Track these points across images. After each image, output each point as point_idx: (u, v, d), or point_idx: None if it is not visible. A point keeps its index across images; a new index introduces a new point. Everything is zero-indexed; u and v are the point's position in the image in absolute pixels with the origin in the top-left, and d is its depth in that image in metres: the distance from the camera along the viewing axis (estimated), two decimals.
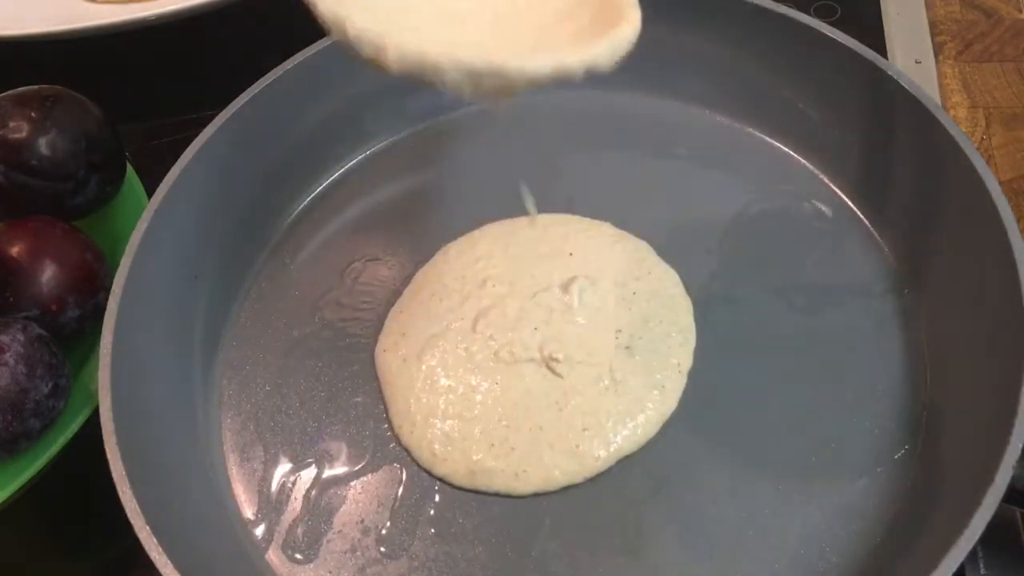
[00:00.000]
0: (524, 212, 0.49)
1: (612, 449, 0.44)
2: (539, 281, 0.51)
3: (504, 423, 0.46)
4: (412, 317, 0.50)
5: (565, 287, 0.50)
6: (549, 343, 0.48)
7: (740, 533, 0.42)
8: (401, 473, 0.45)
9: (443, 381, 0.48)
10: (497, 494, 0.44)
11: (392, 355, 0.49)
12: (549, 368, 0.47)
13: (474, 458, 0.45)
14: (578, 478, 0.44)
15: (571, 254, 0.52)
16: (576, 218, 0.53)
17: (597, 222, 0.53)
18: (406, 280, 0.52)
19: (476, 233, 0.53)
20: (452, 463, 0.45)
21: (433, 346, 0.49)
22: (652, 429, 0.45)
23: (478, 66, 0.34)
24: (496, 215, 0.53)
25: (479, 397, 0.47)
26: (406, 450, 0.46)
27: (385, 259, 0.53)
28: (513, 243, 0.53)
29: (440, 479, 0.45)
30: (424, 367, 0.48)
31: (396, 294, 0.51)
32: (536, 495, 0.44)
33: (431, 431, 0.46)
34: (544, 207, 0.53)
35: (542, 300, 0.50)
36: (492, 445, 0.45)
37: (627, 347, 0.48)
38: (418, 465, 0.45)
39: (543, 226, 0.53)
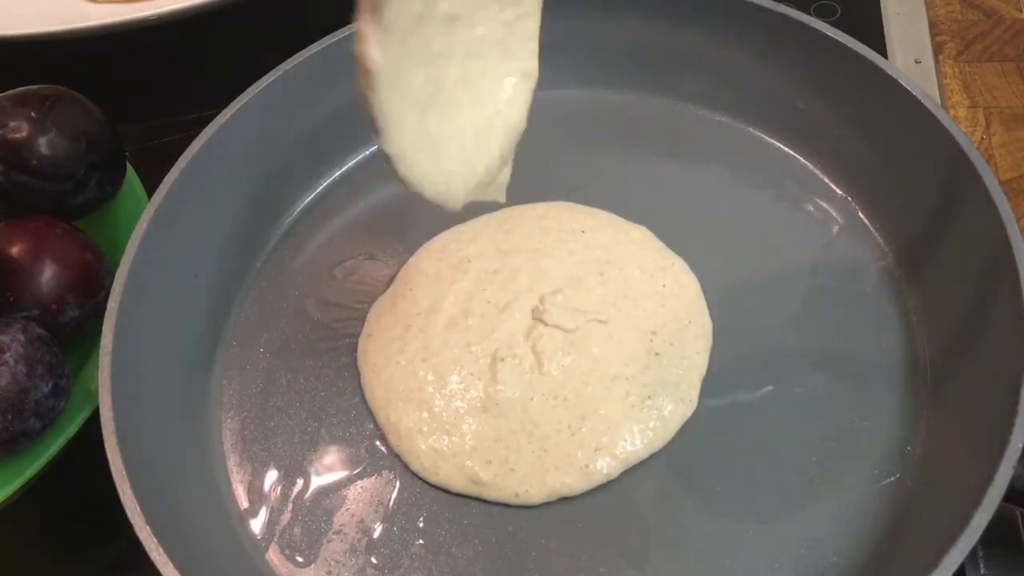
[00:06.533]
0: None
1: (621, 462, 0.43)
2: (544, 264, 0.48)
3: (502, 444, 0.44)
4: (379, 315, 0.49)
5: (592, 269, 0.46)
6: (562, 354, 0.45)
7: (740, 533, 0.42)
8: (400, 475, 0.45)
9: (420, 392, 0.46)
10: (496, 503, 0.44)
11: (364, 362, 0.48)
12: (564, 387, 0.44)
13: (469, 473, 0.43)
14: (583, 490, 0.43)
15: (583, 232, 0.50)
16: (581, 206, 0.52)
17: (603, 211, 0.52)
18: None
19: (470, 222, 0.52)
20: (445, 476, 0.44)
21: (399, 351, 0.47)
22: (665, 440, 0.44)
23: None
24: None
25: (469, 420, 0.45)
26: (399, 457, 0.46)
27: (384, 259, 0.53)
28: (513, 225, 0.50)
29: (436, 487, 0.45)
30: (395, 376, 0.46)
31: None
32: None
33: (417, 445, 0.45)
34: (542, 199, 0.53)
35: (547, 285, 0.47)
36: (489, 462, 0.44)
37: (657, 353, 0.45)
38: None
39: (544, 209, 0.52)
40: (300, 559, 0.43)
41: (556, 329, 0.46)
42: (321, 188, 0.56)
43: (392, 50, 0.33)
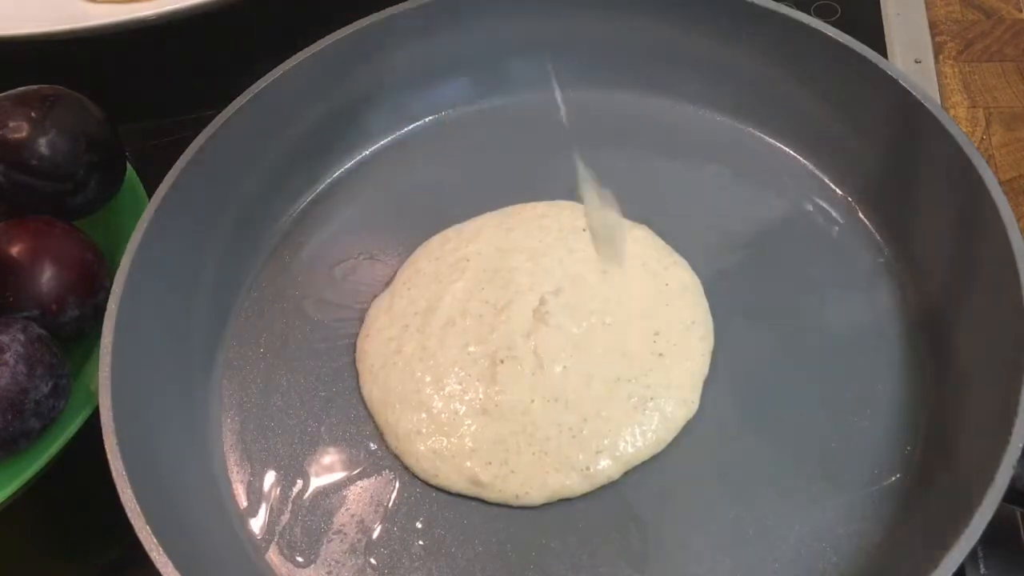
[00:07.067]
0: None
1: (623, 464, 0.43)
2: (545, 263, 0.47)
3: (502, 446, 0.44)
4: (376, 314, 0.49)
5: (594, 267, 0.46)
6: (565, 355, 0.45)
7: (740, 533, 0.42)
8: (400, 475, 0.45)
9: (417, 394, 0.45)
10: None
11: (361, 362, 0.48)
12: (565, 391, 0.44)
13: (468, 474, 0.43)
14: (584, 492, 0.43)
15: (584, 230, 0.49)
16: (582, 205, 0.51)
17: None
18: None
19: (469, 221, 0.52)
20: (444, 477, 0.44)
21: (396, 352, 0.47)
22: (666, 442, 0.44)
23: None
24: None
25: (468, 422, 0.44)
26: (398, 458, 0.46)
27: (384, 258, 0.53)
28: (513, 224, 0.50)
29: (436, 488, 0.44)
30: (392, 377, 0.46)
31: None
32: None
33: (416, 447, 0.44)
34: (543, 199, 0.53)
35: (548, 284, 0.47)
36: (489, 464, 0.43)
37: (661, 354, 0.45)
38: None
39: (544, 208, 0.51)
40: (300, 559, 0.43)
41: (558, 330, 0.46)
42: (321, 188, 0.56)
43: None
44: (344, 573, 0.43)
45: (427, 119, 0.58)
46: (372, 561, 0.43)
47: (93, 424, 0.42)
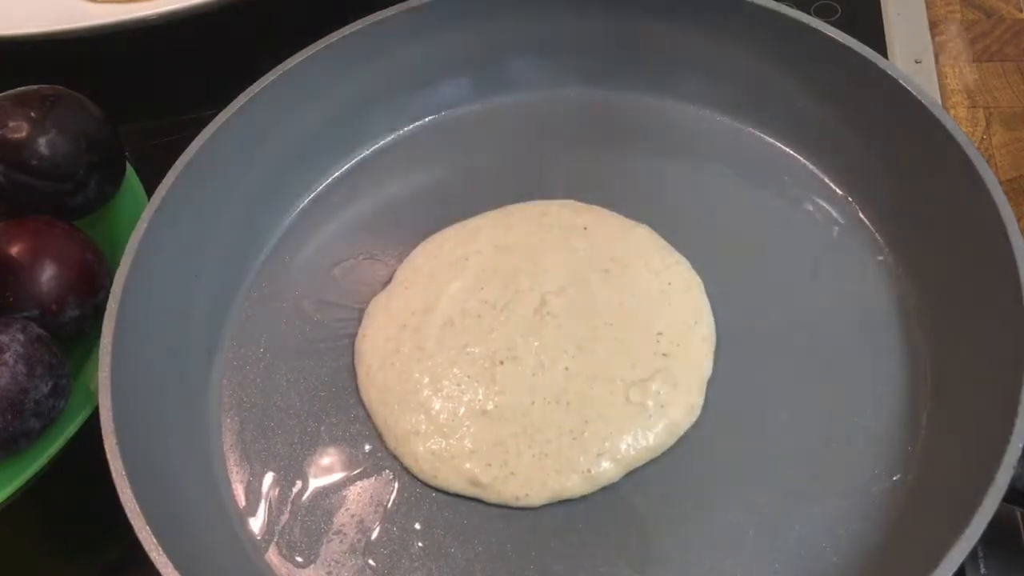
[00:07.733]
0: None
1: (624, 466, 0.43)
2: (546, 262, 0.47)
3: (502, 448, 0.43)
4: (374, 314, 0.49)
5: (596, 267, 0.46)
6: (567, 353, 0.45)
7: (740, 533, 0.42)
8: (399, 476, 0.45)
9: (415, 395, 0.45)
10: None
11: (359, 363, 0.48)
12: (567, 394, 0.44)
13: (468, 476, 0.43)
14: (585, 493, 0.43)
15: (585, 228, 0.49)
16: (583, 204, 0.52)
17: (604, 210, 0.51)
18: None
19: (469, 220, 0.52)
20: (443, 478, 0.43)
21: (394, 352, 0.47)
22: (668, 444, 0.44)
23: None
24: None
25: (468, 423, 0.44)
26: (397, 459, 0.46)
27: (383, 258, 0.53)
28: (513, 223, 0.50)
29: (436, 488, 0.44)
30: (389, 378, 0.46)
31: None
32: None
33: (415, 448, 0.44)
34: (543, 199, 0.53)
35: (549, 283, 0.47)
36: (489, 465, 0.43)
37: (665, 354, 0.45)
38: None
39: (544, 207, 0.51)
40: (300, 559, 0.43)
41: (559, 330, 0.46)
42: (321, 188, 0.56)
43: None
44: (343, 573, 0.43)
45: (427, 119, 0.58)
46: (371, 562, 0.43)
47: (93, 424, 0.42)
